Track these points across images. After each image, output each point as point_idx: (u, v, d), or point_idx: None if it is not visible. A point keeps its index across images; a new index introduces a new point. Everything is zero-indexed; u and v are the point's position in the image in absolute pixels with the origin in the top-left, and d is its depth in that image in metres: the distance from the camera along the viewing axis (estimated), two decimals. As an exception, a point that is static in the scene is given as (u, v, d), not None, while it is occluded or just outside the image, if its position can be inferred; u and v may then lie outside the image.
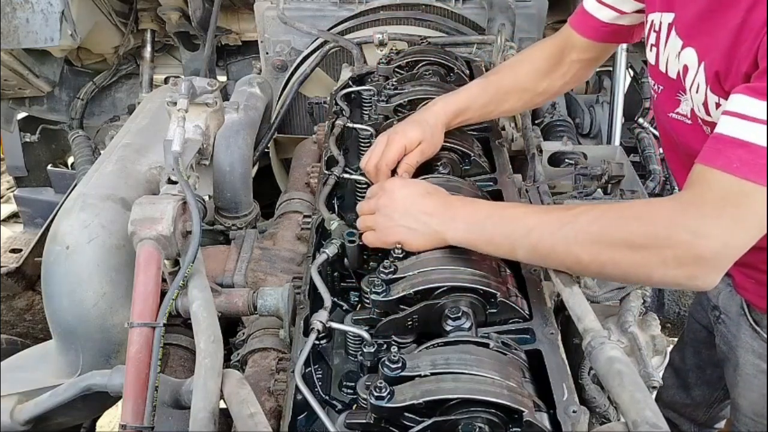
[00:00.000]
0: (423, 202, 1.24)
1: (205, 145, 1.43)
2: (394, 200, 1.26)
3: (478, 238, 1.17)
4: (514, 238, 1.13)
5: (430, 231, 1.21)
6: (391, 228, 1.24)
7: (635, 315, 1.35)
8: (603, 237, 1.05)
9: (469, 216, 1.19)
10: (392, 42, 2.26)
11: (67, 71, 3.22)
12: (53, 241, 1.34)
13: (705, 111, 1.23)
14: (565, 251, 1.09)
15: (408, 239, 1.23)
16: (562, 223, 1.09)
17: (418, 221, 1.22)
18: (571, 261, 1.11)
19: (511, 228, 1.14)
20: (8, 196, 4.42)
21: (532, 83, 1.62)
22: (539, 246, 1.11)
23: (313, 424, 1.09)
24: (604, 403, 1.29)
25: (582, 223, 1.07)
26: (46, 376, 1.37)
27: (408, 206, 1.24)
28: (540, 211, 1.17)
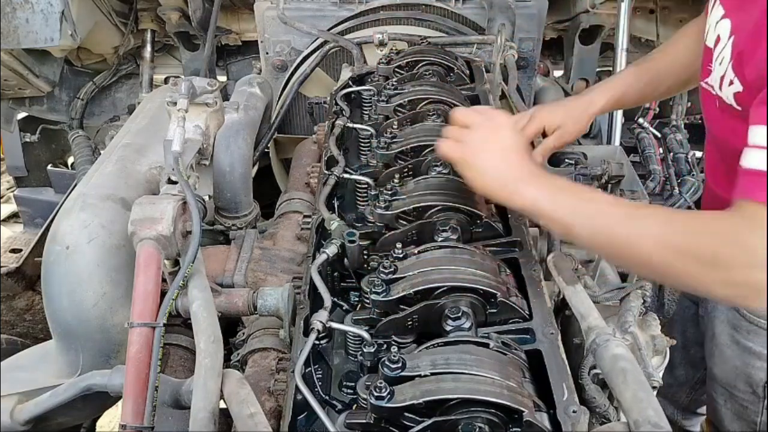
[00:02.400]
0: (518, 154, 1.25)
1: (205, 145, 1.43)
2: (497, 133, 1.26)
3: (545, 206, 1.17)
4: (578, 217, 1.15)
5: (508, 180, 1.21)
6: (477, 153, 1.24)
7: (635, 315, 1.35)
8: (669, 242, 1.06)
9: (547, 183, 1.20)
10: (392, 42, 2.26)
11: (67, 71, 3.21)
12: (53, 241, 1.34)
13: (719, 84, 1.27)
14: (626, 244, 1.10)
15: (481, 171, 1.23)
16: (629, 217, 1.10)
17: (503, 163, 1.22)
18: (627, 254, 1.12)
19: (578, 207, 1.15)
20: (8, 196, 4.41)
21: (689, 61, 1.60)
22: (600, 232, 1.13)
23: (313, 424, 1.09)
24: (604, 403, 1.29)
25: (650, 223, 1.09)
26: (46, 376, 1.37)
27: (506, 147, 1.25)
28: (610, 201, 1.18)
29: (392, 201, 1.36)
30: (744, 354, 1.59)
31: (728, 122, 1.32)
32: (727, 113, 1.30)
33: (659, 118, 3.24)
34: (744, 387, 1.62)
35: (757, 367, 1.58)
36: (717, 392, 1.71)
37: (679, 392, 2.06)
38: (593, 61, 3.11)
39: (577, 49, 3.04)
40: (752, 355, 1.58)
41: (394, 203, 1.36)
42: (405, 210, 1.35)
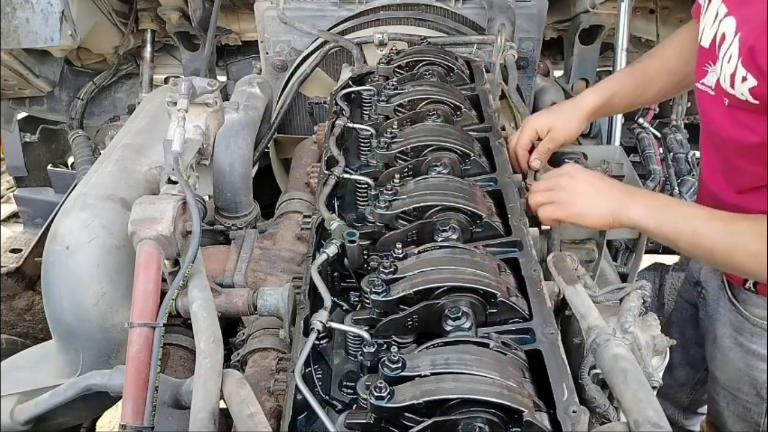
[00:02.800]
0: (605, 183, 1.43)
1: (205, 145, 1.43)
2: (577, 179, 1.44)
3: (651, 224, 1.35)
4: (681, 233, 1.32)
5: (610, 208, 1.38)
6: (575, 203, 1.41)
7: (635, 315, 1.35)
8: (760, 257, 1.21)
9: (648, 203, 1.37)
10: (392, 42, 2.26)
11: (67, 71, 3.21)
12: (53, 241, 1.34)
13: (730, 83, 1.30)
14: (723, 257, 1.30)
15: (587, 212, 1.40)
16: (725, 233, 1.27)
17: (600, 197, 1.40)
18: (728, 265, 1.35)
19: (680, 224, 1.32)
20: (8, 196, 4.41)
21: (679, 65, 1.67)
22: (701, 246, 1.31)
23: (313, 424, 1.09)
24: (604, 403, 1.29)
25: (746, 238, 1.24)
26: (46, 376, 1.37)
27: (593, 184, 1.42)
28: (707, 217, 1.32)
29: (392, 201, 1.36)
30: (748, 356, 1.59)
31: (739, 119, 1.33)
32: (740, 110, 1.31)
33: (659, 118, 3.25)
34: (748, 389, 1.62)
35: (761, 369, 1.57)
36: (720, 395, 1.70)
37: (680, 393, 2.06)
38: (593, 61, 3.11)
39: (577, 49, 3.04)
40: (756, 357, 1.57)
41: (394, 203, 1.36)
42: (405, 210, 1.35)
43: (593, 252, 1.74)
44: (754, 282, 1.53)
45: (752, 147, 1.35)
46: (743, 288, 1.56)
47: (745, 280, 1.55)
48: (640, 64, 1.72)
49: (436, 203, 1.34)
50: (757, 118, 1.31)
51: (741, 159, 1.39)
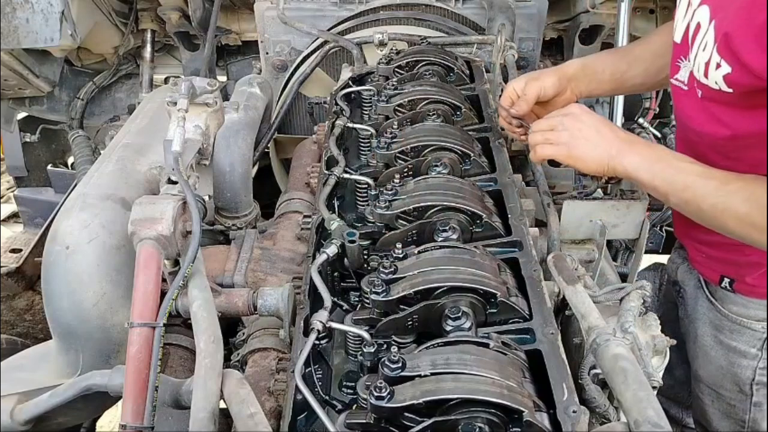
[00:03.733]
0: (609, 129, 1.39)
1: (205, 145, 1.43)
2: (582, 122, 1.40)
3: (644, 175, 1.33)
4: (672, 187, 1.30)
5: (608, 155, 1.35)
6: (573, 144, 1.38)
7: (635, 315, 1.35)
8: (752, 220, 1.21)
9: (645, 153, 1.34)
10: (392, 42, 2.26)
11: (67, 71, 3.21)
12: (53, 241, 1.34)
13: (704, 72, 1.31)
14: (712, 216, 1.28)
15: (586, 156, 1.37)
16: (716, 193, 1.25)
17: (601, 143, 1.36)
18: (715, 225, 1.30)
19: (674, 178, 1.30)
20: (8, 196, 4.41)
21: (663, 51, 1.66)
22: (691, 203, 1.30)
23: (313, 424, 1.09)
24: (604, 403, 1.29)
25: (735, 200, 1.23)
26: (46, 376, 1.37)
27: (597, 129, 1.38)
28: (701, 174, 1.29)
29: (392, 201, 1.36)
30: (729, 353, 1.60)
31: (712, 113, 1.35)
32: (713, 102, 1.32)
33: (659, 118, 3.24)
34: (731, 386, 1.63)
35: (743, 365, 1.59)
36: (704, 393, 1.71)
37: (681, 391, 2.06)
38: (593, 61, 3.10)
39: (577, 49, 3.04)
40: (737, 354, 1.58)
41: (394, 203, 1.36)
42: (405, 210, 1.35)
43: (593, 252, 1.74)
44: (730, 281, 1.55)
45: (725, 141, 1.37)
46: (719, 287, 1.57)
47: (720, 279, 1.57)
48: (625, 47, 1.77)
49: (436, 203, 1.34)
50: (729, 111, 1.33)
51: (715, 154, 1.39)
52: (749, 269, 1.51)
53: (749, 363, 1.57)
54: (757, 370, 1.57)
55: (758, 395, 1.60)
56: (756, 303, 1.53)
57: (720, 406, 1.68)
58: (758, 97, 1.25)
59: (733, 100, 1.29)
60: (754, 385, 1.59)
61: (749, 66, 1.20)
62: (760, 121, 1.28)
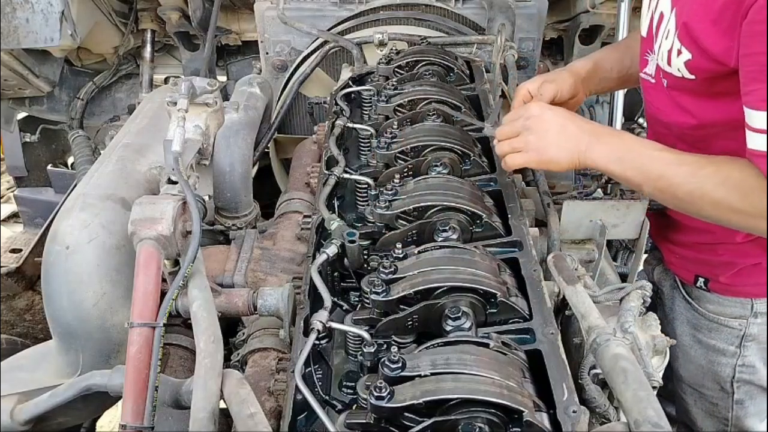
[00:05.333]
0: (574, 123, 1.35)
1: (205, 145, 1.43)
2: (545, 121, 1.35)
3: (615, 167, 1.30)
4: (646, 177, 1.28)
5: (577, 151, 1.32)
6: (543, 148, 1.33)
7: (635, 315, 1.35)
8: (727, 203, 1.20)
9: (613, 144, 1.31)
10: (392, 42, 2.26)
11: (67, 71, 3.21)
12: (53, 241, 1.34)
13: (667, 59, 1.32)
14: (688, 203, 1.26)
15: (557, 158, 1.33)
16: (690, 179, 1.23)
17: (568, 139, 1.32)
18: (693, 211, 1.29)
19: (646, 168, 1.27)
20: (8, 196, 4.41)
21: None
22: (666, 191, 1.28)
23: (313, 424, 1.09)
24: (604, 403, 1.29)
25: (710, 185, 1.21)
26: (46, 376, 1.37)
27: (560, 126, 1.34)
28: (673, 161, 1.27)
29: (392, 201, 1.36)
30: (708, 352, 1.60)
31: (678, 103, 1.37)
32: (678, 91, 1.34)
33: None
34: (712, 385, 1.63)
35: (722, 363, 1.59)
36: (686, 393, 1.72)
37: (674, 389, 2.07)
38: (593, 61, 3.10)
39: (577, 49, 3.04)
40: (716, 353, 1.59)
41: (394, 203, 1.36)
42: (405, 210, 1.35)
43: (593, 252, 1.74)
44: (705, 280, 1.56)
45: (692, 130, 1.39)
46: (695, 287, 1.58)
47: (695, 279, 1.57)
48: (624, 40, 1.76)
49: (436, 203, 1.34)
50: (694, 100, 1.35)
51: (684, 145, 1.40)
52: (722, 269, 1.52)
53: (728, 361, 1.58)
54: (737, 368, 1.58)
55: (739, 393, 1.61)
56: (731, 301, 1.54)
57: (703, 405, 1.69)
58: (721, 83, 1.27)
59: (696, 87, 1.30)
60: (735, 382, 1.59)
61: (708, 51, 1.22)
62: (725, 110, 1.29)
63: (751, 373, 1.58)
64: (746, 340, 1.55)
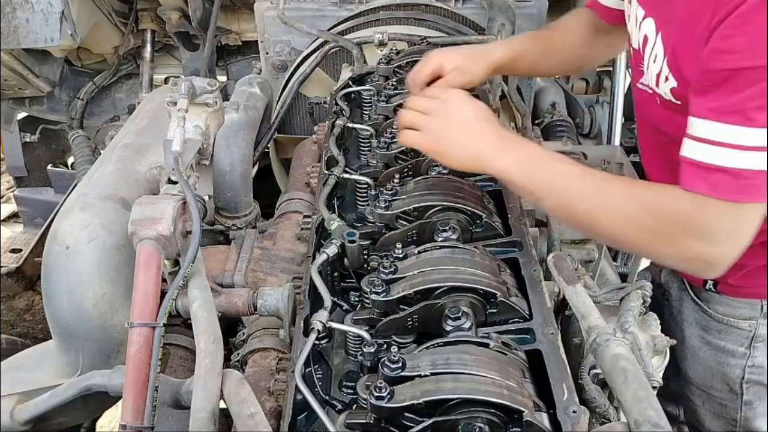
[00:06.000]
0: (481, 124, 1.27)
1: (205, 145, 1.43)
2: (455, 111, 1.28)
3: (519, 177, 1.23)
4: (549, 190, 1.21)
5: (477, 154, 1.25)
6: (442, 137, 1.27)
7: (635, 315, 1.35)
8: (629, 221, 1.15)
9: (518, 154, 1.24)
10: (392, 42, 2.26)
11: (67, 71, 3.22)
12: (53, 241, 1.34)
13: (656, 82, 1.29)
14: (588, 220, 1.20)
15: (452, 153, 1.26)
16: (594, 194, 1.18)
17: (471, 139, 1.25)
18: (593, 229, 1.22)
19: (551, 180, 1.21)
20: (8, 196, 4.42)
21: (577, 46, 1.66)
22: (567, 207, 1.21)
23: (313, 424, 1.09)
24: (604, 403, 1.29)
25: (612, 204, 1.16)
26: (46, 376, 1.37)
27: (467, 122, 1.27)
28: (581, 176, 1.21)
29: (392, 201, 1.36)
30: (718, 354, 1.60)
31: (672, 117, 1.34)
32: (670, 109, 1.33)
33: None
34: (721, 386, 1.63)
35: (732, 365, 1.59)
36: (694, 394, 1.72)
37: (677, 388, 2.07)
38: (593, 60, 3.10)
39: (577, 49, 3.04)
40: (725, 354, 1.59)
41: (394, 203, 1.36)
42: (405, 210, 1.35)
43: (593, 252, 1.74)
44: (714, 283, 1.55)
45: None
46: (703, 288, 1.58)
47: (704, 282, 1.57)
48: (546, 33, 1.69)
49: (436, 203, 1.34)
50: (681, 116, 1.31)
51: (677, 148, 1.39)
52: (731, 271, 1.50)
53: (738, 362, 1.58)
54: (746, 369, 1.57)
55: (748, 394, 1.60)
56: (741, 302, 1.54)
57: (711, 406, 1.69)
58: None
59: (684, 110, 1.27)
60: (744, 383, 1.59)
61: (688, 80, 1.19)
62: None
63: (761, 374, 1.58)
64: (756, 341, 1.54)
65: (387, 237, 1.34)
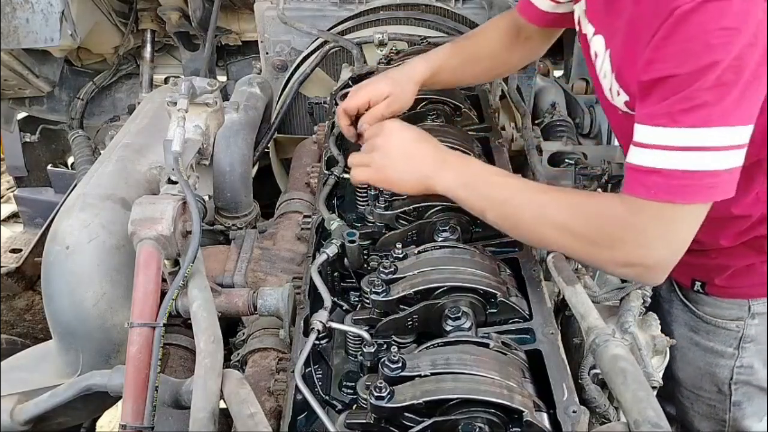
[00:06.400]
0: (419, 147, 1.32)
1: (205, 145, 1.43)
2: (391, 140, 1.33)
3: (461, 193, 1.26)
4: (490, 203, 1.24)
5: (421, 176, 1.29)
6: (386, 167, 1.31)
7: (635, 315, 1.36)
8: (569, 228, 1.16)
9: (459, 170, 1.28)
10: (392, 42, 2.26)
11: (67, 71, 3.21)
12: (53, 241, 1.34)
13: (610, 96, 1.32)
14: (530, 229, 1.22)
15: (399, 180, 1.31)
16: (533, 203, 1.20)
17: (410, 164, 1.30)
18: (535, 240, 1.25)
19: (490, 194, 1.24)
20: (8, 196, 4.41)
21: (499, 52, 1.68)
22: (509, 218, 1.23)
23: (313, 424, 1.09)
24: (604, 403, 1.29)
25: (551, 210, 1.18)
26: (46, 376, 1.37)
27: (405, 148, 1.32)
28: (519, 187, 1.24)
29: (392, 201, 1.36)
30: (706, 355, 1.60)
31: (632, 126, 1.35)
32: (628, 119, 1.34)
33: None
34: (710, 387, 1.64)
35: (720, 365, 1.59)
36: (683, 395, 1.72)
37: None
38: (593, 61, 3.10)
39: (577, 49, 3.03)
40: (714, 354, 1.59)
41: (394, 203, 1.36)
42: (405, 210, 1.35)
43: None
44: (701, 284, 1.55)
45: None
46: (691, 290, 1.58)
47: (692, 283, 1.57)
48: (467, 43, 1.69)
49: (436, 203, 1.34)
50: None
51: None
52: (717, 272, 1.52)
53: (726, 363, 1.58)
54: (735, 369, 1.58)
55: (737, 394, 1.61)
56: (729, 303, 1.54)
57: (700, 407, 1.69)
58: None
59: None
60: (732, 384, 1.60)
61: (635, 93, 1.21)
62: None
63: (749, 374, 1.58)
64: (744, 341, 1.55)
65: (387, 237, 1.34)
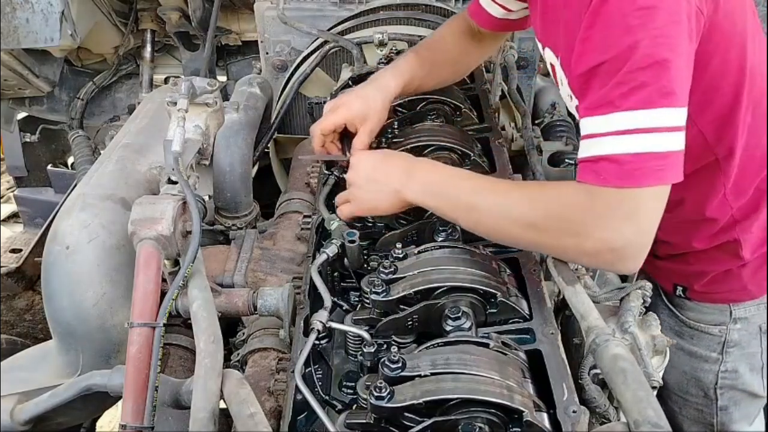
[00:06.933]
0: (382, 166, 1.34)
1: (205, 145, 1.43)
2: (359, 171, 1.36)
3: (430, 200, 1.27)
4: (459, 210, 1.24)
5: (391, 191, 1.30)
6: (362, 196, 1.34)
7: (635, 315, 1.35)
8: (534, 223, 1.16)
9: (426, 178, 1.29)
10: (392, 42, 2.26)
11: (67, 71, 3.22)
12: (53, 241, 1.34)
13: (570, 102, 1.34)
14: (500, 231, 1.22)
15: (375, 201, 1.32)
16: (499, 205, 1.20)
17: (380, 184, 1.32)
18: (509, 241, 1.25)
19: (457, 200, 1.24)
20: (8, 196, 4.42)
21: (458, 57, 1.71)
22: (480, 223, 1.23)
23: (313, 424, 1.09)
24: (604, 403, 1.29)
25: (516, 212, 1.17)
26: (46, 376, 1.37)
27: (370, 172, 1.34)
28: (483, 189, 1.24)
29: None
30: (691, 359, 1.61)
31: None
32: None
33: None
34: (696, 391, 1.64)
35: (705, 370, 1.60)
36: (671, 400, 1.72)
37: None
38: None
39: (577, 49, 3.04)
40: (699, 359, 1.60)
41: (394, 203, 1.36)
42: None
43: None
44: (683, 289, 1.56)
45: None
46: (674, 295, 1.59)
47: (674, 288, 1.58)
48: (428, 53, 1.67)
49: (436, 203, 1.34)
50: None
51: None
52: (695, 278, 1.53)
53: (711, 367, 1.59)
54: (719, 374, 1.58)
55: (723, 399, 1.61)
56: (710, 308, 1.55)
57: (688, 412, 1.70)
58: None
59: None
60: (718, 389, 1.60)
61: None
62: None
63: (734, 379, 1.59)
64: (728, 346, 1.55)
65: (387, 237, 1.34)
